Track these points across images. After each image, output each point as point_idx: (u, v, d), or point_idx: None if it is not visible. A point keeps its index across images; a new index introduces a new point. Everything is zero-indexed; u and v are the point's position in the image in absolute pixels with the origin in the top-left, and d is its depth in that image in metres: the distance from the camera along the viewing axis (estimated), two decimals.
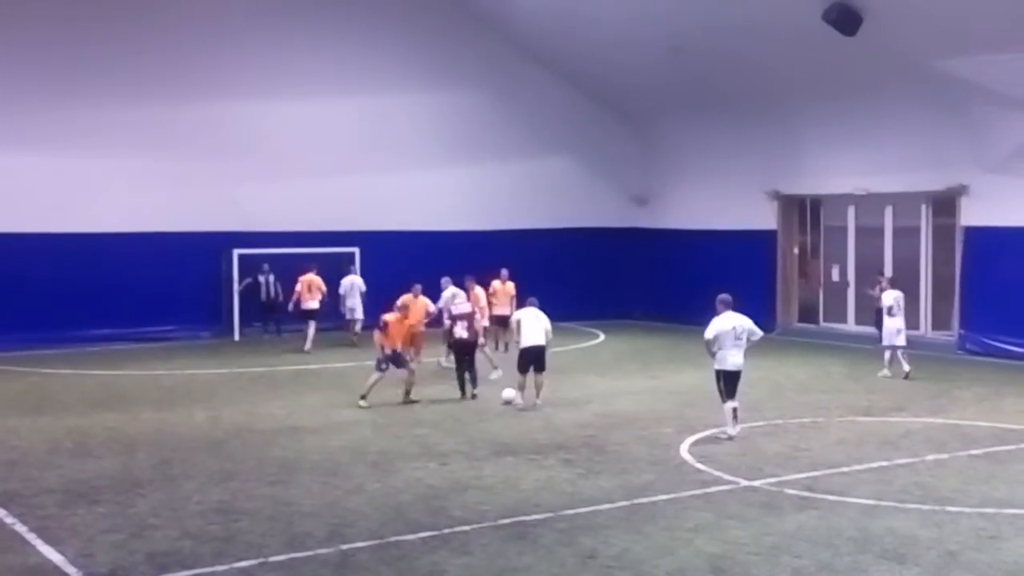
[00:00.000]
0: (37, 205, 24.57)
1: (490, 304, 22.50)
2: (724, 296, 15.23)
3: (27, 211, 24.41)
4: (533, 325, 17.48)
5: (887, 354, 20.50)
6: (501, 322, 22.73)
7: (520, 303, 20.39)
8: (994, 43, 20.72)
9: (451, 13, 28.71)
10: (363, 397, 17.49)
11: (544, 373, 17.55)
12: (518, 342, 17.73)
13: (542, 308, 17.84)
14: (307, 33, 27.26)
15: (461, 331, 18.63)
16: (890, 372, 20.31)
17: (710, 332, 14.93)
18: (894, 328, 20.39)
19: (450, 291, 21.04)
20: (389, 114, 28.28)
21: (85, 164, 25.15)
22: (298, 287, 24.81)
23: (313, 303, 24.75)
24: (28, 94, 24.54)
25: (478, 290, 21.56)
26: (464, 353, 18.59)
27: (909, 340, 21.23)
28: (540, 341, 17.43)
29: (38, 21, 24.67)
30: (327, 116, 27.66)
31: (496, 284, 23.42)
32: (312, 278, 24.85)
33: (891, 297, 20.70)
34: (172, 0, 25.62)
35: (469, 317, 18.89)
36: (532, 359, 17.45)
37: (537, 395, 17.34)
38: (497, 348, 22.70)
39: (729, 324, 14.92)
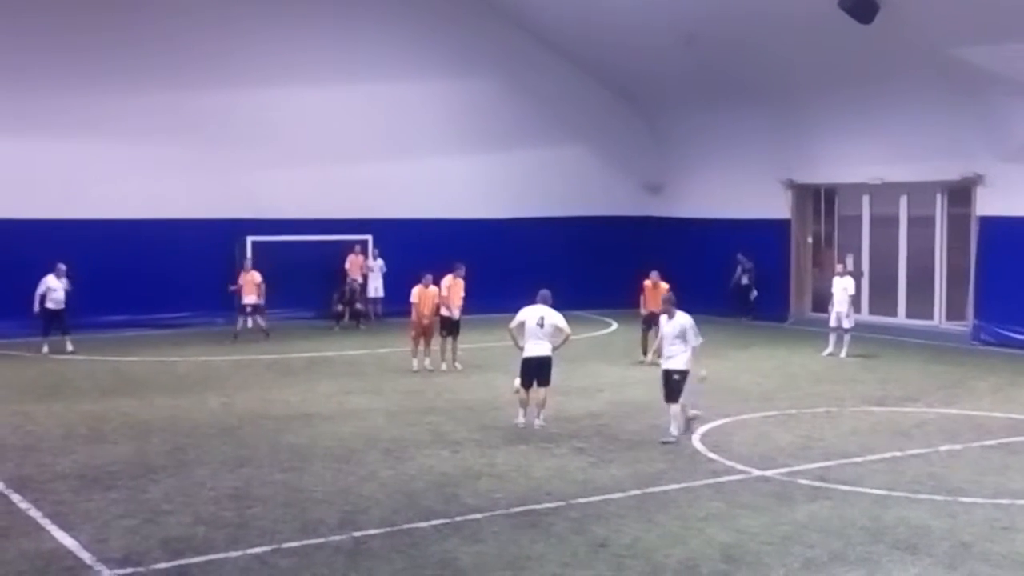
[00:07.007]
0: (52, 192, 24.66)
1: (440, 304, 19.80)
2: (668, 295, 14.95)
3: (43, 198, 24.50)
4: (535, 332, 14.92)
5: (833, 336, 22.09)
6: (449, 326, 19.95)
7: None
8: (1011, 31, 20.59)
9: (465, 0, 28.67)
10: None
11: (548, 388, 15.02)
12: (521, 348, 15.12)
13: (556, 297, 15.65)
14: (321, 20, 27.29)
15: None
16: (833, 350, 22.00)
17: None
18: (847, 312, 22.05)
19: None
20: (403, 102, 28.26)
21: (100, 151, 25.24)
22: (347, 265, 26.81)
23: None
24: (42, 81, 24.60)
25: (433, 288, 19.73)
26: None
27: (923, 330, 24.80)
28: (543, 351, 14.93)
29: (52, 8, 24.72)
30: (341, 103, 27.67)
31: (448, 279, 20.08)
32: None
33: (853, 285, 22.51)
34: None
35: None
36: (534, 371, 14.95)
37: (538, 413, 14.93)
38: (443, 359, 19.88)
39: (677, 326, 14.19)
